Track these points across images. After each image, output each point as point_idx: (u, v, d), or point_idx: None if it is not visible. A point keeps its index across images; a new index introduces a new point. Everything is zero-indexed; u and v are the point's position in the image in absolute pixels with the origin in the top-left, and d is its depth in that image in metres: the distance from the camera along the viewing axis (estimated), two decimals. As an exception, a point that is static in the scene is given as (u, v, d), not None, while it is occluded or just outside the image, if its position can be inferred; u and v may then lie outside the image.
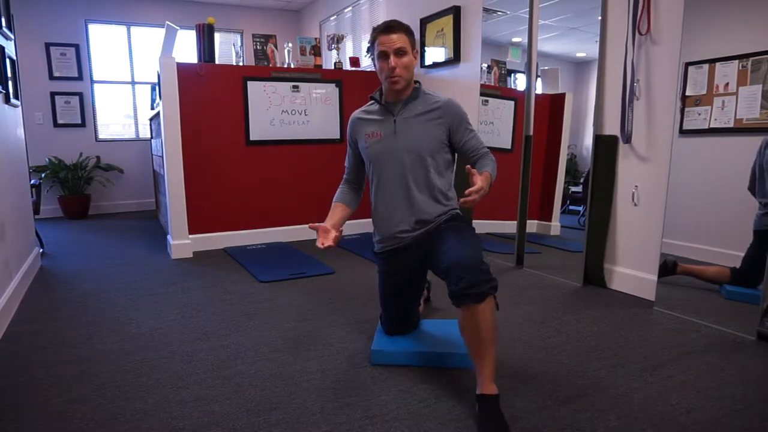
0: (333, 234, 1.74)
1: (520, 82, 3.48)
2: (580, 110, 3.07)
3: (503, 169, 2.02)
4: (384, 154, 1.89)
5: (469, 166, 1.64)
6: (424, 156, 1.85)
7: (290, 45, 4.18)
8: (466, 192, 1.53)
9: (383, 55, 1.81)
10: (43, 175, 5.34)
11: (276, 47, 4.12)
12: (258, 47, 4.05)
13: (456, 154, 1.95)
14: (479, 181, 1.56)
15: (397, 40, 1.79)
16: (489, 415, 1.47)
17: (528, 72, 3.31)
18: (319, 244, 1.71)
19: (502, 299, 1.78)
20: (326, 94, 4.18)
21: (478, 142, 1.87)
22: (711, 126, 2.31)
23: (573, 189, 3.24)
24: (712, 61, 2.29)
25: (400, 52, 1.79)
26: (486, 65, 3.64)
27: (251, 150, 3.96)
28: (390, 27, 1.80)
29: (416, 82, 1.93)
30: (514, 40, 3.50)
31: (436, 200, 1.87)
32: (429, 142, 1.85)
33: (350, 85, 4.25)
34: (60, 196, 5.59)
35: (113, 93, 6.03)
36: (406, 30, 1.82)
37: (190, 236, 3.75)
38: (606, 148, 2.77)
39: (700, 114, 2.35)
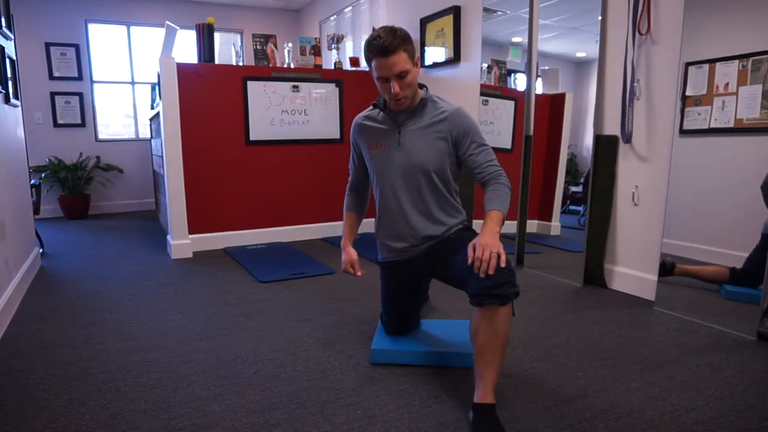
0: (356, 261, 1.93)
1: (520, 82, 3.48)
2: (580, 110, 3.07)
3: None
4: (388, 168, 1.81)
5: (470, 250, 1.49)
6: (431, 171, 1.75)
7: (290, 45, 4.18)
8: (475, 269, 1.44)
9: (383, 79, 1.68)
10: (43, 175, 5.34)
11: (276, 47, 4.12)
12: (258, 47, 4.05)
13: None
14: (479, 244, 1.46)
15: (396, 62, 1.63)
16: (487, 423, 1.44)
17: (528, 72, 3.30)
18: (357, 273, 1.92)
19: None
20: (326, 94, 4.18)
21: (485, 157, 1.71)
22: (711, 126, 2.31)
23: (573, 189, 3.24)
24: (712, 61, 2.29)
25: (401, 76, 1.65)
26: (486, 65, 3.64)
27: (251, 150, 3.96)
28: (386, 49, 1.61)
29: (422, 86, 1.81)
30: (514, 40, 3.50)
31: (446, 213, 1.81)
32: (435, 157, 1.75)
33: (350, 85, 4.25)
34: (60, 196, 5.59)
35: (113, 93, 6.02)
36: (403, 44, 1.64)
37: (190, 236, 3.75)
38: (606, 148, 2.77)
39: (700, 114, 2.35)
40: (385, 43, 1.61)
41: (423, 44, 4.17)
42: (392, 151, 1.80)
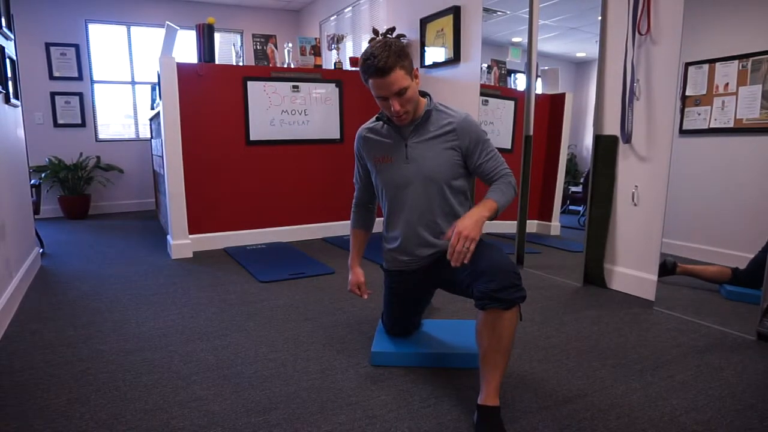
0: (363, 283, 1.99)
1: (520, 82, 3.48)
2: (580, 110, 3.07)
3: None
4: (397, 182, 1.76)
5: (447, 233, 1.52)
6: (441, 183, 1.71)
7: (290, 45, 4.18)
8: (448, 256, 1.45)
9: (382, 98, 1.64)
10: (43, 175, 5.34)
11: (276, 47, 4.12)
12: (258, 47, 4.05)
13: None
14: (456, 230, 1.45)
15: (394, 81, 1.57)
16: (490, 426, 1.43)
17: (528, 72, 3.31)
18: (364, 296, 1.99)
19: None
20: (326, 94, 4.18)
21: (496, 163, 1.68)
22: (711, 126, 2.31)
23: (573, 189, 3.24)
24: (712, 61, 2.29)
25: (400, 93, 1.60)
26: (486, 65, 3.64)
27: (251, 150, 3.96)
28: (382, 70, 1.55)
29: (425, 94, 1.77)
30: (514, 40, 3.50)
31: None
32: (445, 169, 1.71)
33: (350, 85, 4.25)
34: (60, 196, 5.59)
35: (113, 93, 6.02)
36: (399, 61, 1.57)
37: (190, 236, 3.75)
38: (606, 148, 2.77)
39: (699, 114, 2.35)
40: (380, 64, 1.55)
41: (423, 44, 4.17)
42: (400, 165, 1.75)
